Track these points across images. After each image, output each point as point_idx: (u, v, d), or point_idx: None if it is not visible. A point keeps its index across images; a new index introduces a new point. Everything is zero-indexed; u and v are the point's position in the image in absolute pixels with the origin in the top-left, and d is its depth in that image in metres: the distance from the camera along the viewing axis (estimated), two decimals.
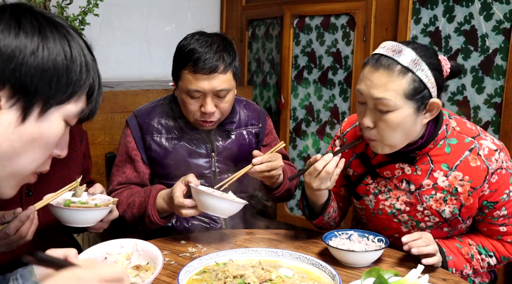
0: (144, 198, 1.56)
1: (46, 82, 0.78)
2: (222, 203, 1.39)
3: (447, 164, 1.40)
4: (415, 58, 1.29)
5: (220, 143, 1.72)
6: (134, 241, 1.16)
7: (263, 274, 1.20)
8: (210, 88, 1.55)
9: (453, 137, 1.41)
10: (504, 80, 2.26)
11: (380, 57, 1.31)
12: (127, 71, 3.41)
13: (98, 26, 3.17)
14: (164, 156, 1.68)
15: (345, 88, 2.97)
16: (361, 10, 2.82)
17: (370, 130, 1.36)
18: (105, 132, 2.61)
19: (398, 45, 1.31)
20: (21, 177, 0.84)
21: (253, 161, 1.51)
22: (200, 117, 1.61)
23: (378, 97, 1.29)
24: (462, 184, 1.39)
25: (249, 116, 1.80)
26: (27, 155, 0.81)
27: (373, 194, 1.52)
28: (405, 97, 1.29)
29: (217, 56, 1.54)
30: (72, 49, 0.81)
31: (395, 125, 1.31)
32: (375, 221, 1.56)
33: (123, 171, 1.70)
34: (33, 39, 0.77)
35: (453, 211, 1.43)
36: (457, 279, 1.30)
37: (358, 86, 1.36)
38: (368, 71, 1.32)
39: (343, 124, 1.64)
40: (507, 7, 2.22)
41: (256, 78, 3.66)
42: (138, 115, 1.73)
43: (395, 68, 1.28)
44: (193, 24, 3.66)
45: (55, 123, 0.82)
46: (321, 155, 1.42)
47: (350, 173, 1.57)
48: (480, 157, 1.38)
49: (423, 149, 1.40)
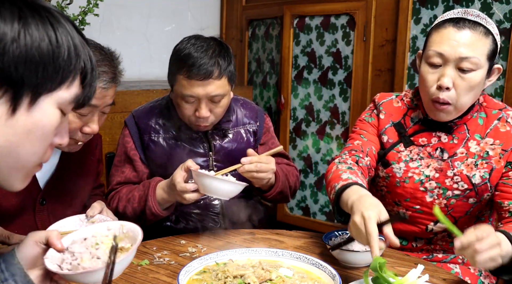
0: (144, 191, 1.57)
1: (32, 71, 0.74)
2: (223, 184, 1.41)
3: (479, 134, 1.47)
4: (492, 23, 1.39)
5: (217, 141, 1.73)
6: (120, 223, 1.14)
7: (263, 274, 1.20)
8: (205, 94, 1.55)
9: (482, 111, 1.49)
10: (504, 80, 2.26)
11: (461, 19, 1.36)
12: (127, 71, 3.38)
13: (98, 26, 3.17)
14: (162, 155, 1.69)
15: (345, 88, 2.98)
16: (361, 10, 2.82)
17: (448, 92, 1.37)
18: (105, 133, 2.61)
19: (471, 10, 1.39)
20: (26, 169, 0.82)
21: (242, 159, 1.50)
22: (195, 121, 1.62)
23: (466, 56, 1.33)
24: (493, 147, 1.45)
25: (246, 115, 1.80)
26: (25, 147, 0.78)
27: (404, 161, 1.52)
28: (487, 58, 1.36)
29: (212, 61, 1.54)
30: (58, 33, 0.76)
31: (475, 84, 1.36)
32: (399, 190, 1.53)
33: (122, 171, 1.71)
34: (13, 26, 0.72)
35: (483, 176, 1.45)
36: (457, 279, 1.30)
37: (437, 49, 1.36)
38: (450, 32, 1.36)
39: (376, 98, 1.62)
40: (507, 7, 2.22)
41: (256, 78, 3.66)
42: (136, 116, 1.74)
43: (480, 29, 1.35)
44: (193, 24, 3.66)
45: (49, 111, 0.78)
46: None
47: (384, 140, 1.56)
48: (509, 123, 1.45)
49: (463, 116, 1.45)
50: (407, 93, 1.60)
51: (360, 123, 1.62)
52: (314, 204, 3.24)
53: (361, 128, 1.60)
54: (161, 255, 1.40)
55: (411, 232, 1.56)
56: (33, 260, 0.94)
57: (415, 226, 1.55)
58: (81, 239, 1.03)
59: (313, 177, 3.22)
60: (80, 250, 0.98)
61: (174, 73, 1.59)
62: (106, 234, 1.12)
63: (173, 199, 1.53)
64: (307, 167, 3.23)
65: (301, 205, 3.32)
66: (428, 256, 1.57)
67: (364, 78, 2.84)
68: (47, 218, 1.41)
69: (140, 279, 1.26)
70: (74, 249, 0.98)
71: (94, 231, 1.11)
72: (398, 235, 1.40)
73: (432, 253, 1.57)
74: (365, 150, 1.53)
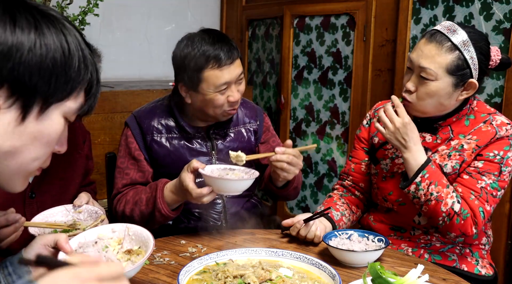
0: (151, 193, 1.57)
1: (45, 81, 0.75)
2: (236, 183, 1.44)
3: (463, 134, 1.56)
4: (465, 39, 1.46)
5: (219, 141, 1.74)
6: (125, 225, 1.15)
7: (263, 274, 1.20)
8: (235, 75, 1.62)
9: (472, 114, 1.58)
10: (504, 80, 2.25)
11: (436, 32, 1.49)
12: (127, 71, 3.41)
13: (98, 26, 3.17)
14: (165, 155, 1.69)
15: (345, 88, 2.97)
16: (361, 10, 2.82)
17: (410, 94, 1.53)
18: (105, 133, 2.61)
19: (454, 26, 1.48)
20: (26, 173, 0.83)
21: (276, 149, 1.54)
22: (228, 107, 1.65)
23: (423, 66, 1.47)
24: (469, 142, 1.54)
25: (247, 114, 1.82)
26: (29, 153, 0.79)
27: (390, 158, 1.67)
28: (447, 71, 1.46)
29: (229, 46, 1.60)
30: (70, 44, 0.78)
31: (432, 93, 1.48)
32: (384, 185, 1.67)
33: (126, 173, 1.70)
34: (29, 36, 0.74)
35: (454, 166, 1.55)
36: (457, 279, 1.30)
37: (410, 54, 1.54)
38: (423, 42, 1.50)
39: (375, 105, 1.81)
40: (507, 7, 2.22)
41: (256, 78, 3.66)
42: (137, 116, 1.73)
43: (446, 44, 1.46)
44: (193, 24, 3.66)
45: (56, 121, 0.80)
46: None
47: (375, 141, 1.72)
48: (492, 125, 1.54)
49: (447, 118, 1.56)
50: None
51: (355, 140, 1.81)
52: (314, 204, 3.24)
53: (354, 146, 1.80)
54: (161, 255, 1.41)
55: (404, 224, 1.66)
56: None
57: (403, 219, 1.65)
58: (92, 242, 1.04)
59: (313, 177, 3.22)
60: (93, 253, 1.00)
61: (198, 72, 1.58)
62: (111, 236, 1.13)
63: (182, 199, 1.53)
64: (307, 167, 3.23)
65: (301, 205, 3.32)
66: (426, 244, 1.62)
67: (364, 78, 2.84)
68: (36, 211, 1.43)
69: (140, 279, 1.26)
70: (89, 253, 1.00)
71: (99, 233, 1.12)
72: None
73: (431, 242, 1.62)
74: (350, 171, 1.78)
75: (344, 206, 1.71)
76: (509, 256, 2.30)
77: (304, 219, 1.50)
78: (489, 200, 1.49)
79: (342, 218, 1.66)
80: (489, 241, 1.68)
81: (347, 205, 1.73)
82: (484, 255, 1.65)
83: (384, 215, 1.70)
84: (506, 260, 2.31)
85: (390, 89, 2.70)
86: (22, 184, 0.85)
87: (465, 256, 1.61)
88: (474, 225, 1.49)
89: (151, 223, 1.58)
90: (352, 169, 1.78)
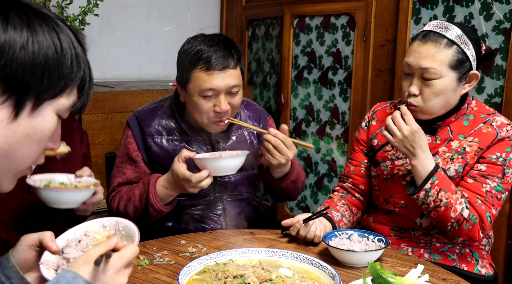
0: (144, 188, 1.57)
1: (37, 77, 0.76)
2: (229, 161, 1.47)
3: (463, 135, 1.56)
4: (460, 33, 1.48)
5: (221, 144, 1.72)
6: (116, 219, 1.14)
7: (263, 274, 1.20)
8: (225, 85, 1.55)
9: (471, 114, 1.58)
10: (504, 80, 2.25)
11: (428, 32, 1.49)
12: (127, 71, 3.41)
13: (98, 26, 3.17)
14: (165, 157, 1.68)
15: (345, 88, 2.97)
16: (361, 10, 2.82)
17: (415, 98, 1.52)
18: (105, 132, 2.61)
19: (444, 23, 1.50)
20: (17, 171, 0.83)
21: (270, 129, 1.56)
22: (214, 118, 1.60)
23: (426, 67, 1.47)
24: (471, 144, 1.54)
25: (250, 117, 1.80)
26: (22, 150, 0.79)
27: (390, 160, 1.66)
28: (450, 67, 1.47)
29: (226, 52, 1.56)
30: (62, 42, 0.78)
31: (439, 92, 1.48)
32: (386, 187, 1.67)
33: (123, 172, 1.70)
34: (22, 33, 0.74)
35: (457, 169, 1.55)
36: (457, 279, 1.30)
37: (406, 59, 1.53)
38: (417, 45, 1.50)
39: (373, 107, 1.81)
40: (507, 7, 2.22)
41: (256, 78, 3.66)
42: (138, 116, 1.72)
43: (442, 41, 1.47)
44: (193, 24, 3.66)
45: (48, 118, 0.80)
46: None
47: (375, 143, 1.72)
48: (493, 126, 1.54)
49: (446, 119, 1.56)
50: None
51: (354, 142, 1.81)
52: (314, 204, 3.24)
53: (353, 148, 1.80)
54: (161, 255, 1.40)
55: (405, 225, 1.66)
56: (28, 264, 0.94)
57: (404, 221, 1.65)
58: (75, 242, 1.02)
59: (313, 177, 3.22)
60: (75, 255, 0.98)
61: (188, 70, 1.57)
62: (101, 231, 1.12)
63: (176, 193, 1.53)
64: (307, 167, 3.23)
65: (301, 205, 3.32)
66: (426, 244, 1.62)
67: (364, 78, 2.84)
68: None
69: (140, 279, 1.26)
70: (69, 255, 0.97)
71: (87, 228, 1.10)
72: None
73: (431, 242, 1.63)
74: (350, 173, 1.78)
75: (345, 207, 1.71)
76: (509, 256, 2.30)
77: (303, 219, 1.50)
78: (495, 203, 1.50)
79: (342, 219, 1.66)
80: (490, 241, 1.68)
81: (347, 206, 1.72)
82: (484, 255, 1.65)
83: (384, 216, 1.70)
84: (506, 260, 2.31)
85: (390, 89, 2.70)
86: (11, 182, 0.84)
87: (465, 256, 1.61)
88: (481, 230, 1.49)
89: (145, 218, 1.59)
90: (351, 171, 1.78)
